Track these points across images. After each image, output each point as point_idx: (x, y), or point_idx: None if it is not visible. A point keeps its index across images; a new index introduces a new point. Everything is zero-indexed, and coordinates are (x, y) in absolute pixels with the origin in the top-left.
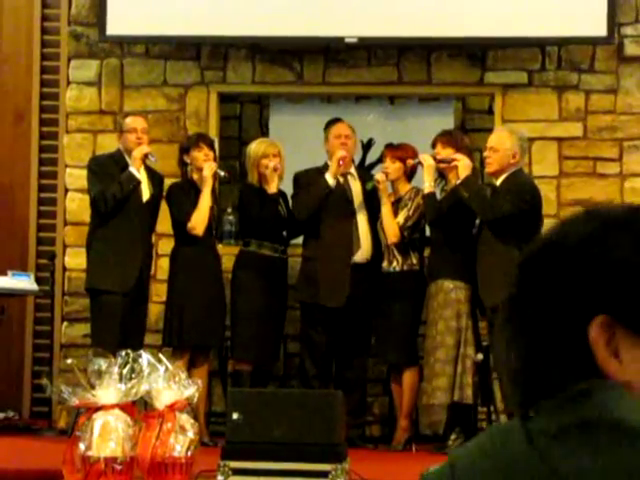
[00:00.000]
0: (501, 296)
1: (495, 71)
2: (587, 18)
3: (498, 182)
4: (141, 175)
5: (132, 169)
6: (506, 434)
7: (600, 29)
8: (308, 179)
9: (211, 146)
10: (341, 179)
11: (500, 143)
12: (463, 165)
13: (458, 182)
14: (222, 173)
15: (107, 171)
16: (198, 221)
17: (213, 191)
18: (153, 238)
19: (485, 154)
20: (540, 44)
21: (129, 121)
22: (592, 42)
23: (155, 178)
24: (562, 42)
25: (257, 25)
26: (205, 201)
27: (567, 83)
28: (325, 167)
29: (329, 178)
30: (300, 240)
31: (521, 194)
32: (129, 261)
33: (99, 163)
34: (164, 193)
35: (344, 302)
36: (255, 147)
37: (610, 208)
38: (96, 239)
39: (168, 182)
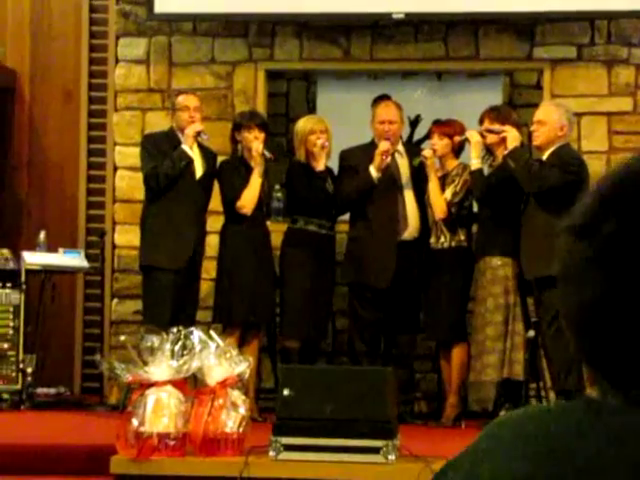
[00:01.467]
0: (542, 268)
1: (544, 46)
2: None
3: (545, 156)
4: (194, 153)
5: (184, 147)
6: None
7: None
8: (354, 159)
9: (262, 126)
10: (388, 158)
11: (547, 115)
12: (512, 136)
13: (506, 152)
14: (268, 155)
15: (160, 149)
16: (247, 200)
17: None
18: None
19: (532, 128)
20: (589, 18)
21: (181, 99)
22: None
23: (208, 156)
24: (611, 16)
25: (304, 2)
26: (256, 181)
27: (617, 57)
28: (372, 145)
29: (373, 171)
30: (348, 217)
31: (567, 166)
32: (182, 238)
33: (152, 141)
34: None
35: (390, 282)
36: (303, 124)
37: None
38: (150, 216)
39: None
